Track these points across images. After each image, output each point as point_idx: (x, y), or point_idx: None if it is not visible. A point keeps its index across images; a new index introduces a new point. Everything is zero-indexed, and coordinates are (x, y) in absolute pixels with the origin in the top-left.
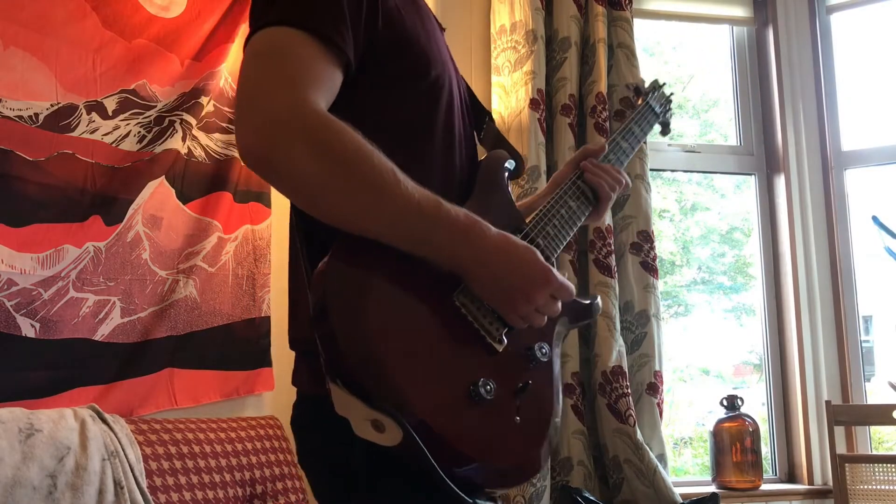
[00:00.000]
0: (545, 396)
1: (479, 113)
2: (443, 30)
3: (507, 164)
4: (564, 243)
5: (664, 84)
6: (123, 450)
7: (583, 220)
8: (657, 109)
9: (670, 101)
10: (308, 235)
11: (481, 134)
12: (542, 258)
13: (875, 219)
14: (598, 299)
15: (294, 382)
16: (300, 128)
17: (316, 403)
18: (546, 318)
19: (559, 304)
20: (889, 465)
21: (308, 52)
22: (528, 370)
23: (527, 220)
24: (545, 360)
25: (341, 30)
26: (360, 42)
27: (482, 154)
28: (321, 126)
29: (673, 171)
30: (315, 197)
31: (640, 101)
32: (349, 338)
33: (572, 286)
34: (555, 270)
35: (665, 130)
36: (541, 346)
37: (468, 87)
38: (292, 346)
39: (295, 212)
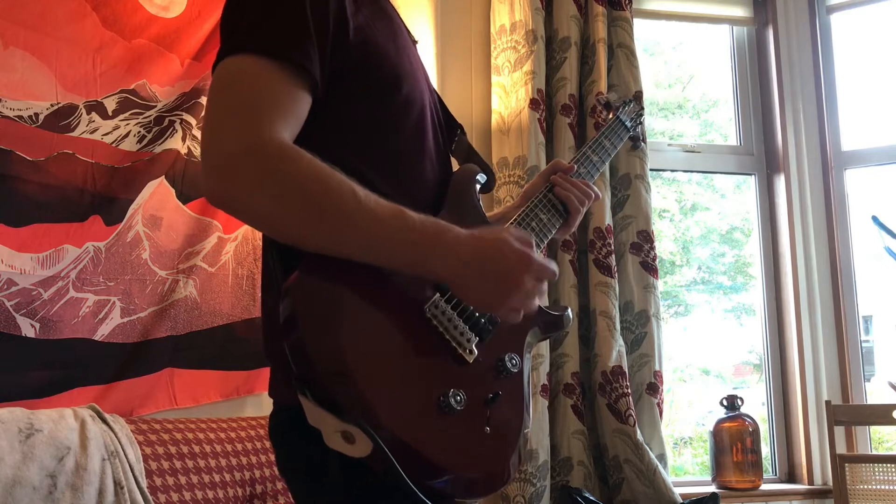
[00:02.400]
0: (515, 407)
1: (451, 126)
2: (415, 42)
3: (477, 178)
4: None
5: (634, 99)
6: (123, 450)
7: (553, 232)
8: (628, 123)
9: (641, 115)
10: (282, 246)
11: (453, 146)
12: (515, 242)
13: (875, 219)
14: (569, 311)
15: (270, 393)
16: (255, 167)
17: (292, 414)
18: (536, 303)
19: (545, 285)
20: (889, 465)
21: (269, 79)
22: (498, 381)
23: None
24: (515, 370)
25: (307, 49)
26: (328, 59)
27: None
28: (275, 161)
29: (673, 171)
30: (278, 230)
31: (610, 115)
32: (318, 351)
33: (554, 264)
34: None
35: (635, 144)
36: (511, 356)
37: (440, 100)
38: (268, 357)
39: None
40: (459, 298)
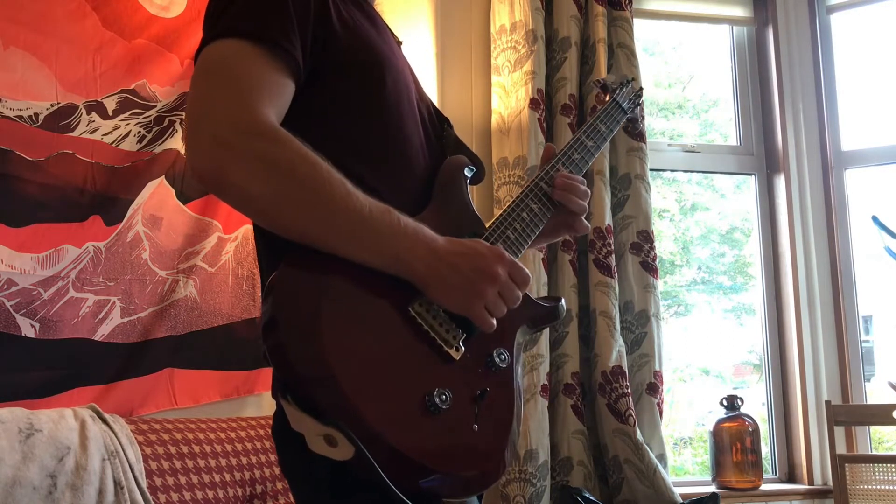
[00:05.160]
0: (505, 403)
1: (439, 120)
2: (399, 43)
3: (465, 170)
4: (527, 247)
5: (633, 79)
6: (123, 450)
7: (545, 222)
8: (625, 105)
9: (640, 97)
10: (267, 244)
11: (441, 140)
12: (487, 244)
13: (875, 219)
14: (563, 301)
15: (273, 395)
16: (245, 146)
17: None
18: (506, 308)
19: (517, 292)
20: (889, 465)
21: (254, 62)
22: (486, 377)
23: (487, 225)
24: (504, 366)
25: (288, 34)
26: (309, 47)
27: None
28: (268, 141)
29: (673, 171)
30: (266, 213)
31: (607, 98)
32: (298, 352)
33: (526, 270)
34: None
35: (635, 127)
36: (500, 352)
37: (428, 97)
38: (264, 359)
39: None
40: (433, 299)
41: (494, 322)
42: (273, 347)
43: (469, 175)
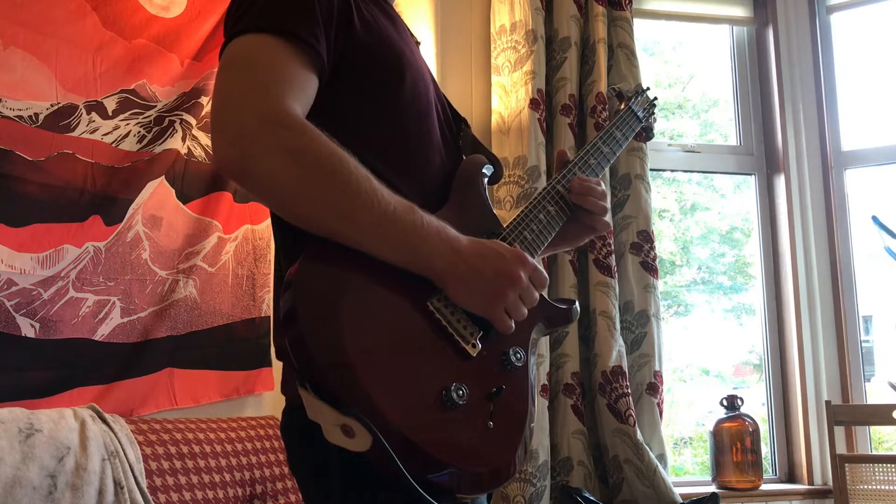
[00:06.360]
0: (519, 401)
1: (456, 120)
2: (418, 43)
3: (484, 169)
4: (543, 248)
5: (647, 88)
6: (123, 450)
7: (562, 223)
8: (640, 114)
9: (654, 106)
10: (285, 238)
11: (459, 140)
12: (508, 246)
13: (875, 219)
14: (577, 304)
15: (283, 391)
16: (274, 137)
17: (303, 411)
18: (526, 311)
19: (537, 294)
20: (889, 465)
21: (281, 56)
22: (502, 375)
23: (504, 225)
24: (520, 364)
25: (314, 31)
26: (333, 45)
27: None
28: (296, 133)
29: (673, 171)
30: (292, 204)
31: (622, 106)
32: (318, 341)
33: (545, 273)
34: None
35: (648, 135)
36: (515, 350)
37: (444, 96)
38: (279, 355)
39: (274, 215)
40: (454, 298)
41: (513, 324)
42: (293, 338)
43: (487, 174)
